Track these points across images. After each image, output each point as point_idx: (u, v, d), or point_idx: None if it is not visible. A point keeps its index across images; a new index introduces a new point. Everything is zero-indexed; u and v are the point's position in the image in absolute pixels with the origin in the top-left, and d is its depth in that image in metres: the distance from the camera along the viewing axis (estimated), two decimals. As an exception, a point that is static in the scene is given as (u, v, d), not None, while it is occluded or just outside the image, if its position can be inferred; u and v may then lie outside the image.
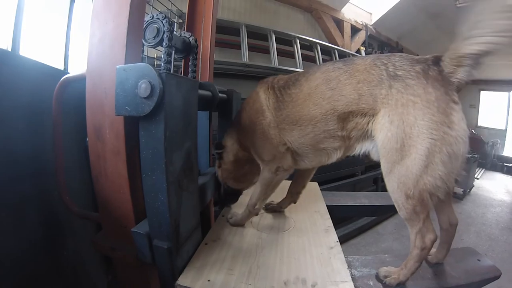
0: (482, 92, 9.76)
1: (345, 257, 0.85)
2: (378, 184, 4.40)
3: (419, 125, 0.70)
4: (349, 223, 3.61)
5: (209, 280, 0.71)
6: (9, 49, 1.34)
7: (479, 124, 9.73)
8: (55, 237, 1.19)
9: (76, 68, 1.70)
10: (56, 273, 1.16)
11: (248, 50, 3.36)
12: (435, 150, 0.69)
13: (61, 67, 1.74)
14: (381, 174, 0.86)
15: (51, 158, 1.01)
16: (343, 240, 3.31)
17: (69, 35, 1.79)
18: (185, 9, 1.42)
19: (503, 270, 0.93)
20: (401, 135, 0.72)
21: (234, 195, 1.17)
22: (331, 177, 3.54)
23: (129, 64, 0.68)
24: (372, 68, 0.79)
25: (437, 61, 0.74)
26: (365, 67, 0.80)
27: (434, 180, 0.70)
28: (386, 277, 0.81)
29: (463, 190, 5.61)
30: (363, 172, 4.25)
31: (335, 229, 1.04)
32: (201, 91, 1.01)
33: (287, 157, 0.98)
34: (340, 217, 3.08)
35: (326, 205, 1.25)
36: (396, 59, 0.78)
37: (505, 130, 9.13)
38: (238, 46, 3.39)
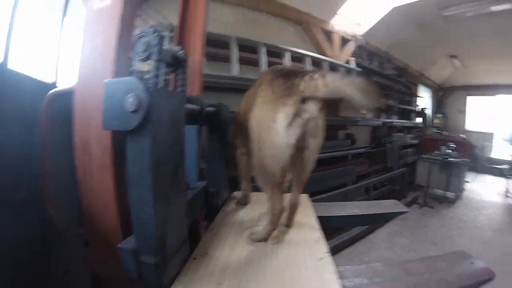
0: (468, 97, 10.03)
1: (336, 268, 0.84)
2: (370, 193, 4.42)
3: (258, 118, 0.92)
4: (341, 233, 3.59)
5: (197, 295, 0.70)
6: (-2, 62, 1.32)
7: (467, 128, 9.95)
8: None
9: (66, 81, 1.69)
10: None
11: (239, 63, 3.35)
12: (263, 138, 0.89)
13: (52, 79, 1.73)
14: (372, 183, 0.92)
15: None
16: (335, 250, 3.29)
17: (59, 48, 1.79)
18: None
19: (497, 272, 0.93)
20: (255, 125, 0.94)
21: None
22: (322, 187, 3.54)
23: (117, 78, 0.68)
24: (258, 86, 1.02)
25: (290, 74, 0.90)
26: (257, 84, 1.05)
27: (267, 159, 0.89)
28: (253, 234, 1.01)
29: (454, 194, 5.67)
30: (354, 182, 4.26)
31: (327, 240, 1.03)
32: (189, 105, 1.02)
33: None
34: (333, 227, 3.06)
35: (318, 216, 1.24)
36: (267, 77, 0.97)
37: (492, 134, 9.36)
38: (228, 59, 3.38)
